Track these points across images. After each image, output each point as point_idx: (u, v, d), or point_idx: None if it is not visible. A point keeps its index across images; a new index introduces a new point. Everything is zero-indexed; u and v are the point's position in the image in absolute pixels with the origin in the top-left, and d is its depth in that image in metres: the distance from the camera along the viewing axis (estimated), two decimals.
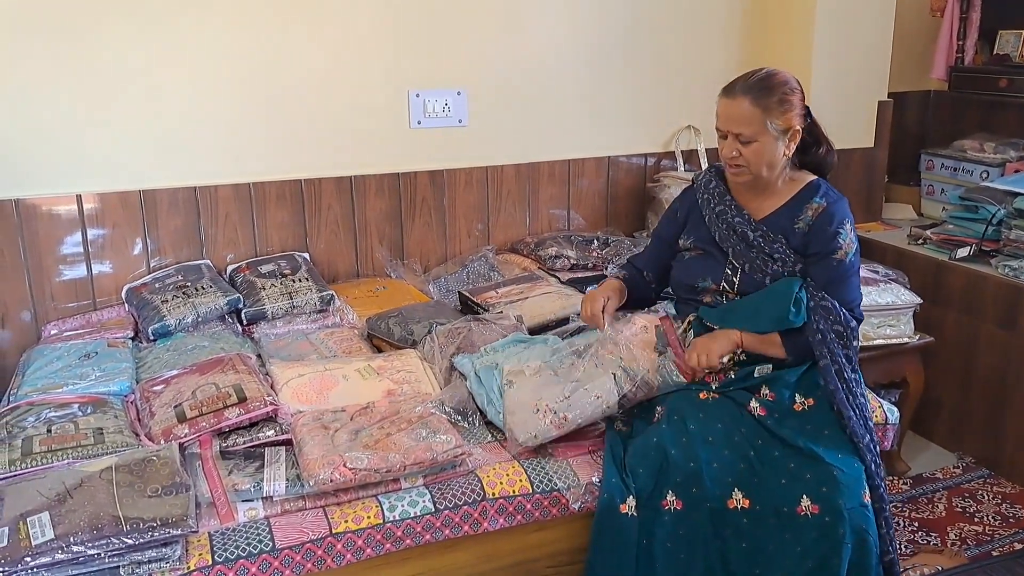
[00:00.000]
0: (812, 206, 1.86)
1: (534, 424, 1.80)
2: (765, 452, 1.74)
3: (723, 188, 1.95)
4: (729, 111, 1.82)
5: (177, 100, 2.49)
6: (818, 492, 1.67)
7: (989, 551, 2.29)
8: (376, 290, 2.68)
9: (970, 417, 2.78)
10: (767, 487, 1.70)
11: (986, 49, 3.37)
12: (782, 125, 1.81)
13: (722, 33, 3.13)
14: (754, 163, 1.83)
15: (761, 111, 1.79)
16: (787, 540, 1.67)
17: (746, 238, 1.88)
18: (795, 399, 1.83)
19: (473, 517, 1.70)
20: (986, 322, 2.68)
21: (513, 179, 2.98)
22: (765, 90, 1.80)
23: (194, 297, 2.38)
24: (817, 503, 1.67)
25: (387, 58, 2.70)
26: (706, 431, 1.76)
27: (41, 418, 1.80)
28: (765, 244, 1.86)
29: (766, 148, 1.81)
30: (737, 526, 1.69)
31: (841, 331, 1.81)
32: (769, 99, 1.79)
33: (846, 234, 1.84)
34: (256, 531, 1.58)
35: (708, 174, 2.00)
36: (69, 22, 2.33)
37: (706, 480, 1.70)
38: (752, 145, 1.81)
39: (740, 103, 1.80)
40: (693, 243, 1.99)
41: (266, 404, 1.84)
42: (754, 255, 1.87)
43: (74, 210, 2.45)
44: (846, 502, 1.66)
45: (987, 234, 2.73)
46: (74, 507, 1.49)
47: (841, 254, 1.83)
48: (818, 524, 1.66)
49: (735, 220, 1.89)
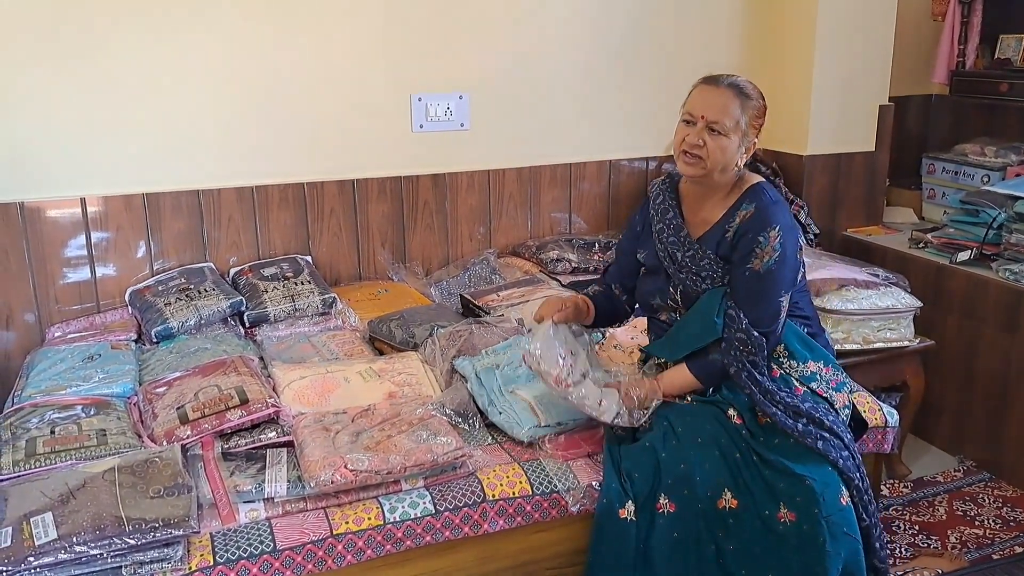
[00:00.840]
0: (741, 212, 1.82)
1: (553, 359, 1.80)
2: (747, 457, 1.73)
3: (668, 203, 1.91)
4: (710, 98, 1.79)
5: (181, 104, 2.51)
6: (793, 501, 1.67)
7: (989, 554, 2.29)
8: (378, 293, 2.70)
9: (971, 420, 2.78)
10: (750, 491, 1.70)
11: (987, 53, 3.38)
12: (749, 133, 1.81)
13: (723, 37, 3.14)
14: (714, 157, 1.78)
15: (741, 108, 1.79)
16: (771, 544, 1.67)
17: (675, 259, 1.86)
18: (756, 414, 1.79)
19: (473, 519, 1.71)
20: (987, 326, 2.69)
21: (515, 183, 2.99)
22: (748, 92, 1.82)
23: (197, 300, 2.39)
24: (793, 511, 1.66)
25: (389, 62, 2.72)
26: (694, 432, 1.75)
27: (45, 419, 1.82)
28: (692, 264, 1.83)
29: (730, 147, 1.79)
30: (726, 526, 1.69)
31: (744, 339, 1.75)
32: (750, 101, 1.81)
33: (767, 242, 1.75)
34: (257, 532, 1.59)
35: (659, 187, 1.97)
36: (74, 27, 2.35)
37: (697, 480, 1.70)
38: (720, 139, 1.78)
39: (725, 93, 1.79)
40: (645, 258, 1.97)
41: (268, 406, 1.85)
42: (683, 276, 1.85)
43: (78, 213, 2.46)
44: (823, 510, 1.65)
45: (988, 238, 2.74)
46: (77, 507, 1.50)
47: (756, 264, 1.75)
48: (797, 532, 1.65)
49: (669, 240, 1.87)
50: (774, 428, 1.76)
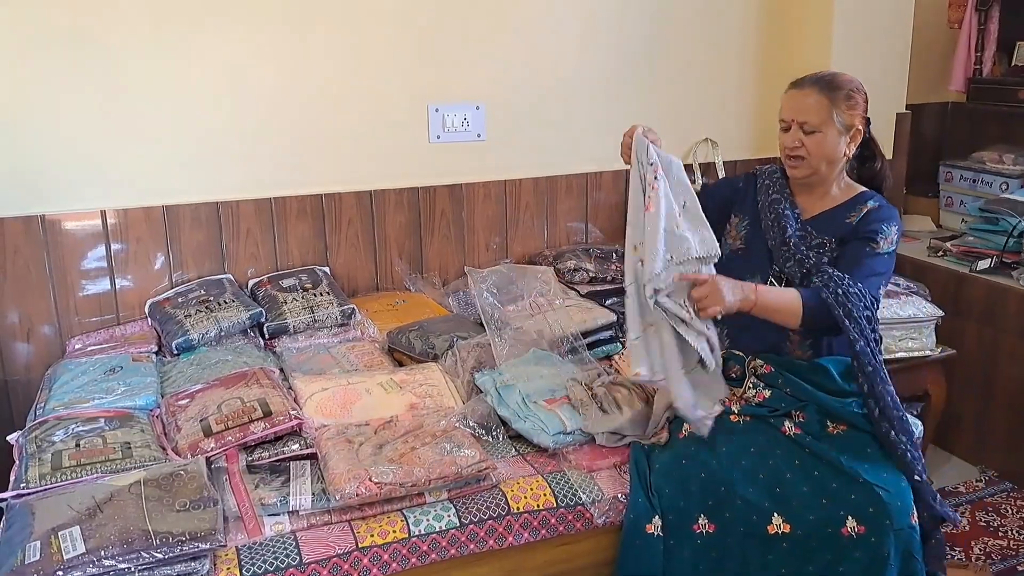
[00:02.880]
0: (866, 206, 1.87)
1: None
2: (804, 472, 1.70)
3: (784, 181, 1.95)
4: (796, 101, 1.84)
5: (198, 116, 2.52)
6: (865, 513, 1.64)
7: (1014, 566, 2.27)
8: (396, 303, 2.70)
9: (992, 430, 2.76)
10: (809, 509, 1.66)
11: (1004, 60, 3.37)
12: (847, 120, 1.82)
13: (739, 46, 3.13)
14: (815, 155, 1.83)
15: (829, 101, 1.81)
16: (829, 562, 1.65)
17: (784, 232, 1.87)
18: (826, 424, 1.79)
19: (498, 532, 1.71)
20: (1008, 334, 2.67)
21: (531, 192, 2.99)
22: (834, 84, 1.83)
23: (217, 311, 2.39)
24: (864, 524, 1.64)
25: (406, 73, 2.73)
26: (739, 454, 1.74)
27: (69, 432, 1.82)
28: (800, 243, 1.85)
29: (828, 140, 1.82)
30: (779, 551, 1.66)
31: (871, 317, 1.76)
32: (837, 92, 1.82)
33: (890, 232, 1.82)
34: (283, 546, 1.58)
35: (768, 171, 2.01)
36: (93, 40, 2.36)
37: (739, 504, 1.68)
38: (815, 136, 1.82)
39: (808, 93, 1.83)
40: (738, 229, 1.97)
41: (291, 418, 1.85)
42: (785, 251, 1.86)
43: (98, 225, 2.47)
44: (894, 523, 1.63)
45: (1008, 246, 2.73)
46: (104, 521, 1.50)
47: (878, 244, 1.81)
48: (864, 545, 1.63)
49: (784, 213, 1.89)
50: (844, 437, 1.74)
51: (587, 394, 1.95)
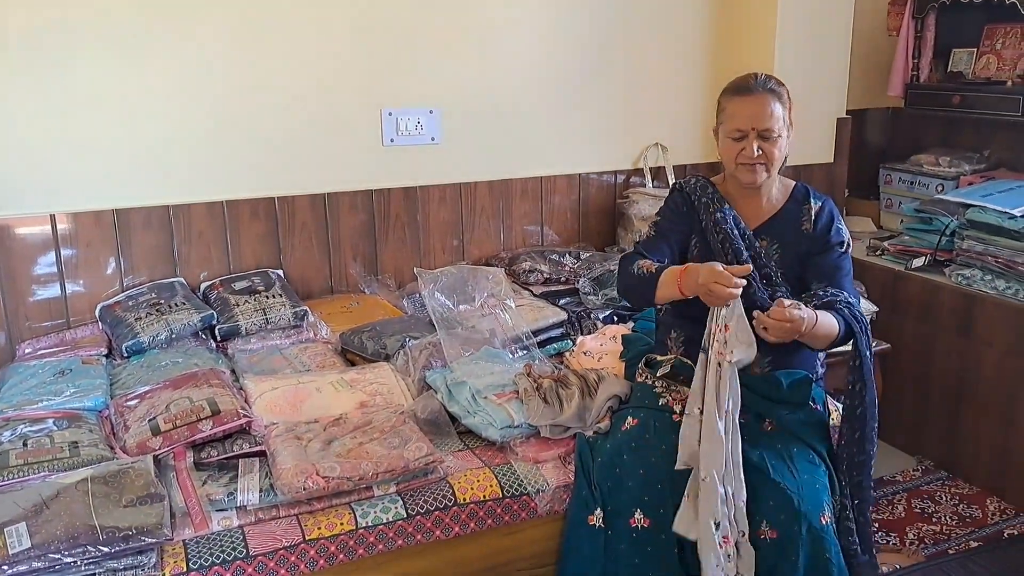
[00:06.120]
0: (811, 206, 1.90)
1: None
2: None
3: (719, 194, 1.91)
4: (754, 109, 1.79)
5: (151, 119, 2.52)
6: (776, 518, 1.68)
7: (945, 550, 2.37)
8: (350, 306, 2.72)
9: (928, 421, 2.86)
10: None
11: (940, 67, 3.49)
12: (790, 119, 1.85)
13: (687, 53, 3.22)
14: (776, 160, 1.83)
15: (782, 107, 1.82)
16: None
17: (739, 256, 1.83)
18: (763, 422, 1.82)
19: (445, 522, 1.75)
20: (942, 329, 2.77)
21: (487, 196, 3.04)
22: (779, 87, 1.84)
23: (168, 314, 2.40)
24: (776, 528, 1.68)
25: (360, 77, 2.76)
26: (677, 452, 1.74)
27: (17, 433, 1.83)
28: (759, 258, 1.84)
29: (783, 143, 1.83)
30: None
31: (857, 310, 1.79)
32: (784, 95, 1.84)
33: (844, 227, 1.89)
34: (230, 539, 1.61)
35: (698, 178, 1.97)
36: (42, 43, 2.36)
37: (673, 501, 1.69)
38: (777, 141, 1.81)
39: (765, 99, 1.80)
40: (691, 251, 1.92)
41: (239, 416, 1.87)
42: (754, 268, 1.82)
43: (48, 230, 2.47)
44: (802, 526, 1.65)
45: (941, 244, 2.84)
46: (51, 517, 1.51)
47: (843, 245, 1.88)
48: (777, 548, 1.67)
49: (732, 234, 1.84)
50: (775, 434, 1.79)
51: (532, 386, 2.00)
